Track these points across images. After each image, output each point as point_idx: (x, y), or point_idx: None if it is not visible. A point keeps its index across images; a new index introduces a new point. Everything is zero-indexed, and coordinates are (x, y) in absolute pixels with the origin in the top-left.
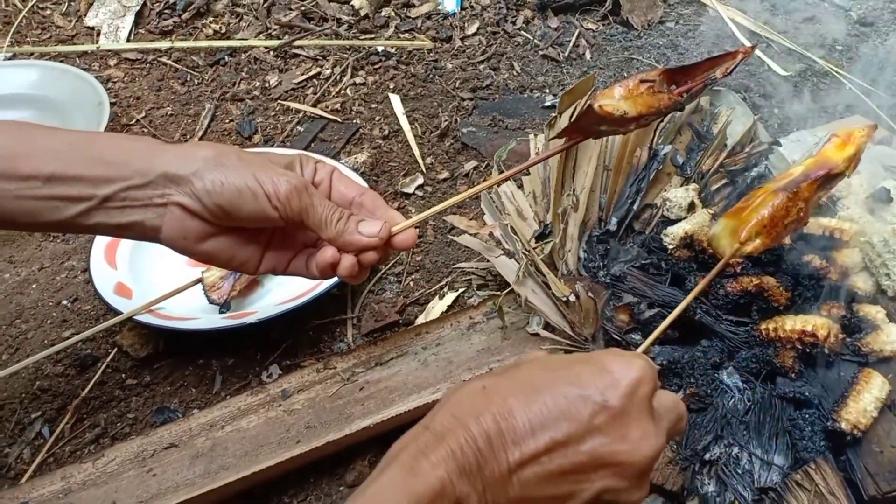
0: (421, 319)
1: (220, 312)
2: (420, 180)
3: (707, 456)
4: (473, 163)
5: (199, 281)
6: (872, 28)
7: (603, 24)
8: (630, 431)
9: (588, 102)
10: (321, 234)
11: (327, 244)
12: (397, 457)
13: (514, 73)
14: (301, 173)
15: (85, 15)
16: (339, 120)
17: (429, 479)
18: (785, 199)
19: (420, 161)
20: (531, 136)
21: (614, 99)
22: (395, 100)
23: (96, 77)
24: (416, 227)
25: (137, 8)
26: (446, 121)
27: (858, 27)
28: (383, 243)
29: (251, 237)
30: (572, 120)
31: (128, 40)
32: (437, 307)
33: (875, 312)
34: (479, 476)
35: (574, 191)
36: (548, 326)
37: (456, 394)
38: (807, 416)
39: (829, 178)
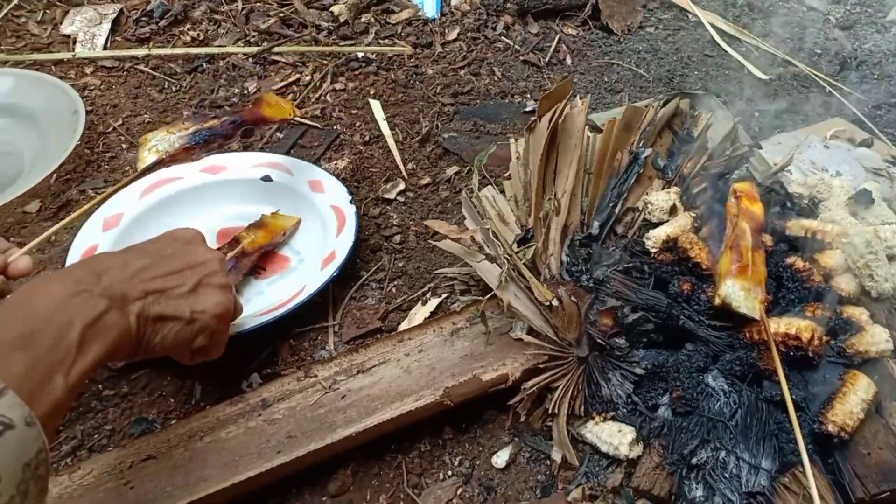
0: (403, 326)
1: None
2: (402, 186)
3: (694, 460)
4: (455, 168)
5: None
6: (851, 32)
7: (583, 30)
8: (191, 247)
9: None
10: None
11: None
12: None
13: (495, 79)
14: None
15: (61, 23)
16: (318, 126)
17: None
18: (763, 252)
19: (401, 167)
20: (511, 140)
21: None
22: (376, 105)
23: (72, 85)
24: (33, 253)
25: (114, 16)
26: (427, 126)
27: (837, 31)
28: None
29: None
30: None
31: (104, 48)
32: (420, 313)
33: (859, 314)
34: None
35: (555, 195)
36: (531, 331)
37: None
38: None
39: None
